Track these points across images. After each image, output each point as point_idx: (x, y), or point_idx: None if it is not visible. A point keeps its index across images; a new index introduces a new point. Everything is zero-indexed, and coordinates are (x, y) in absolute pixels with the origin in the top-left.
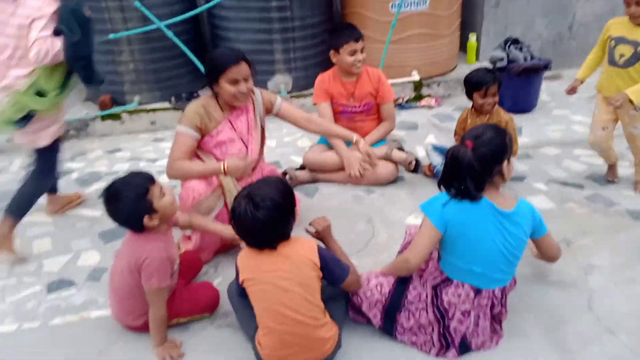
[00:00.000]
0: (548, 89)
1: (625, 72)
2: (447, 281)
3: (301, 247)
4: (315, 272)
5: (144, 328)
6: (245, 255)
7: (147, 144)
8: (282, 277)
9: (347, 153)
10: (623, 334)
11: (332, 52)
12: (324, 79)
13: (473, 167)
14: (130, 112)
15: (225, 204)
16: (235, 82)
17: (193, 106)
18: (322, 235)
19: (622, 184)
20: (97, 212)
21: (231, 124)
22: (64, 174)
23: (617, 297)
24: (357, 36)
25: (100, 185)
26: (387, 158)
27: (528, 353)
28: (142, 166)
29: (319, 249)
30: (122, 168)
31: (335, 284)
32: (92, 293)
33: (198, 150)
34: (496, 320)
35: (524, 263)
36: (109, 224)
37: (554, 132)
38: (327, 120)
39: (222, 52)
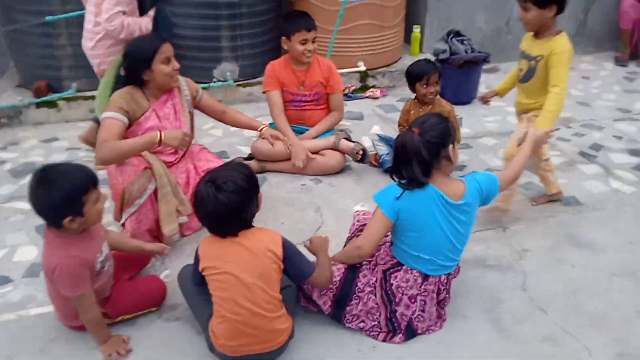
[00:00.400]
0: (486, 81)
1: (524, 87)
2: (397, 266)
3: (264, 237)
4: (277, 264)
5: (84, 328)
6: (207, 243)
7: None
8: (243, 268)
9: (296, 142)
10: (554, 312)
11: (283, 38)
12: (274, 67)
13: (420, 151)
14: (68, 99)
15: (156, 189)
16: (168, 60)
17: (117, 93)
18: (314, 249)
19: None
20: None
21: (156, 113)
22: None
23: (548, 277)
24: (310, 26)
25: None
26: (335, 148)
27: (468, 333)
28: (81, 156)
29: (284, 242)
30: (59, 158)
31: (299, 279)
32: (30, 289)
33: None
34: (440, 305)
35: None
36: None
37: (491, 123)
38: (276, 110)
39: (145, 38)
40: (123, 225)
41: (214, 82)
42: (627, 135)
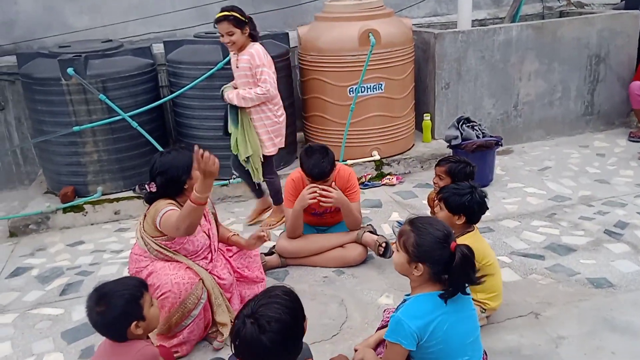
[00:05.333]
0: (501, 163)
1: None
2: None
3: None
4: None
5: None
6: None
7: (110, 234)
8: None
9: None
10: None
11: (301, 166)
12: (295, 184)
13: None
14: (93, 203)
15: (209, 299)
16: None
17: (164, 203)
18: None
19: (580, 253)
20: (58, 310)
21: None
22: (23, 270)
23: None
24: (320, 178)
25: (62, 280)
26: (358, 241)
27: None
28: (106, 258)
29: None
30: (85, 261)
31: None
32: None
33: (165, 251)
34: None
35: (495, 338)
36: (72, 322)
37: (511, 205)
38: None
39: (177, 154)
40: (175, 335)
41: (233, 178)
42: None
